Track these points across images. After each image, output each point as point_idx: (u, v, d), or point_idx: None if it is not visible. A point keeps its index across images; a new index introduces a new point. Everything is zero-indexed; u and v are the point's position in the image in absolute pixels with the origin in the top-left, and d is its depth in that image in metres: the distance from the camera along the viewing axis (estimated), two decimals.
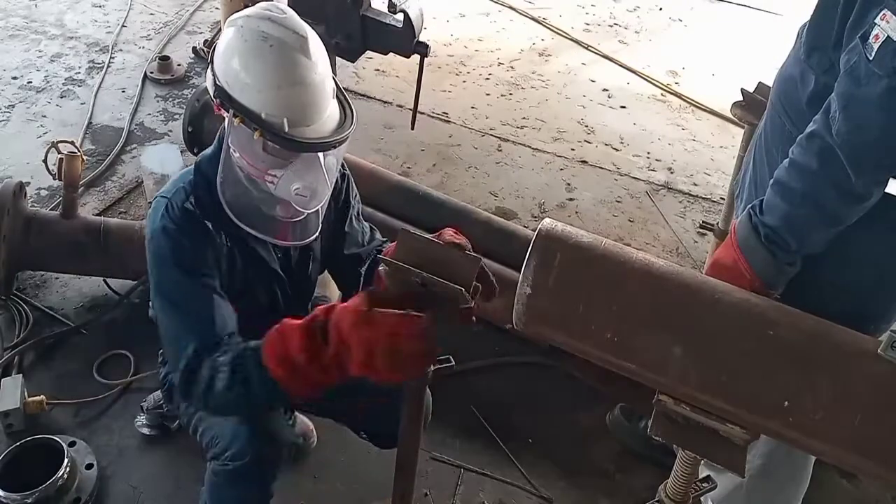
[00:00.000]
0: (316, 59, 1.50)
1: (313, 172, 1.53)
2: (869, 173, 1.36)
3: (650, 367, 1.28)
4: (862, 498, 2.36)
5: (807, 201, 1.40)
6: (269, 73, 1.46)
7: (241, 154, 1.54)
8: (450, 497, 2.24)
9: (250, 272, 1.70)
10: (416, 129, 2.36)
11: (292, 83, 1.47)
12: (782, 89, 1.60)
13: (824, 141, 1.36)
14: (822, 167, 1.37)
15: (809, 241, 1.43)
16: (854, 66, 1.32)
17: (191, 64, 3.96)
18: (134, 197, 3.12)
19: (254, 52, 1.46)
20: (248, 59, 1.47)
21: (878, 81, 1.29)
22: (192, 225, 1.60)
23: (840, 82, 1.36)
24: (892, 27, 1.27)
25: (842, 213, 1.40)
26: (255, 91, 1.46)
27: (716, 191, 3.56)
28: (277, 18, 1.48)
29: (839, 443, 1.21)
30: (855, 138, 1.33)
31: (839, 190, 1.37)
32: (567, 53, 4.54)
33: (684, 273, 1.33)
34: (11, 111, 3.52)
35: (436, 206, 2.78)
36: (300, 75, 1.47)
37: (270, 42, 1.46)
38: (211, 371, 1.51)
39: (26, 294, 2.63)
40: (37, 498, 1.98)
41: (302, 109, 1.49)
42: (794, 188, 1.40)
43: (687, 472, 1.39)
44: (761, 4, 5.14)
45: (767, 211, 1.45)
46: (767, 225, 1.44)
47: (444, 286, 1.41)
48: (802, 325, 1.27)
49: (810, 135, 1.39)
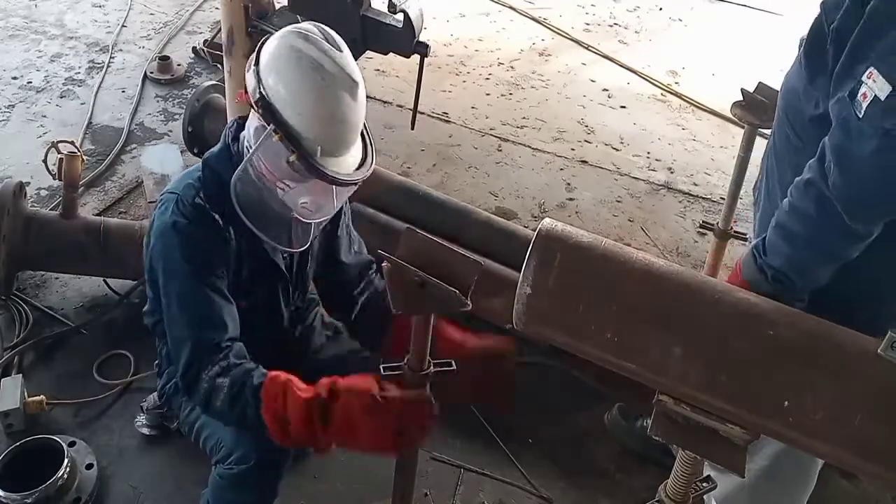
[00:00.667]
0: (360, 103, 1.57)
1: (325, 195, 1.61)
2: (866, 222, 1.39)
3: (650, 367, 1.28)
4: (862, 498, 2.36)
5: (809, 244, 1.43)
6: (317, 105, 1.53)
7: (263, 159, 1.57)
8: (450, 497, 2.24)
9: (256, 267, 1.73)
10: (416, 129, 2.36)
11: (336, 121, 1.55)
12: (787, 101, 1.60)
13: (821, 190, 1.39)
14: (820, 213, 1.40)
15: (815, 279, 1.47)
16: (845, 120, 1.34)
17: (191, 64, 3.96)
18: (134, 197, 3.11)
19: (307, 81, 1.53)
20: (301, 86, 1.52)
21: (869, 140, 1.31)
22: (203, 220, 1.63)
23: (833, 134, 1.37)
24: (878, 87, 1.28)
25: (844, 253, 1.44)
26: (298, 114, 1.52)
27: (716, 191, 3.56)
28: (335, 57, 1.54)
29: (839, 443, 1.21)
30: (850, 192, 1.36)
31: (839, 233, 1.40)
32: (567, 53, 4.53)
33: (684, 273, 1.33)
34: (11, 111, 3.53)
35: (436, 206, 2.78)
36: (343, 114, 1.55)
37: (325, 78, 1.53)
38: (209, 387, 1.58)
39: (26, 294, 2.63)
40: (37, 498, 1.98)
41: (336, 143, 1.57)
42: (795, 232, 1.44)
43: (687, 472, 1.39)
44: (761, 4, 5.14)
45: (771, 252, 1.48)
46: (773, 266, 1.47)
47: (442, 289, 1.41)
48: (802, 325, 1.27)
49: (808, 182, 1.41)
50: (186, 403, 1.83)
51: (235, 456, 1.71)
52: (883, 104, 1.28)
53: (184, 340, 1.62)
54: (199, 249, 1.63)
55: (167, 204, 1.65)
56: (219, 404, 1.58)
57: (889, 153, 1.30)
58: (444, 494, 2.24)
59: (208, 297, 1.62)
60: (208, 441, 1.79)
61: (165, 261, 1.64)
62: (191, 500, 2.00)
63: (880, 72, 1.28)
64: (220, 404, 1.58)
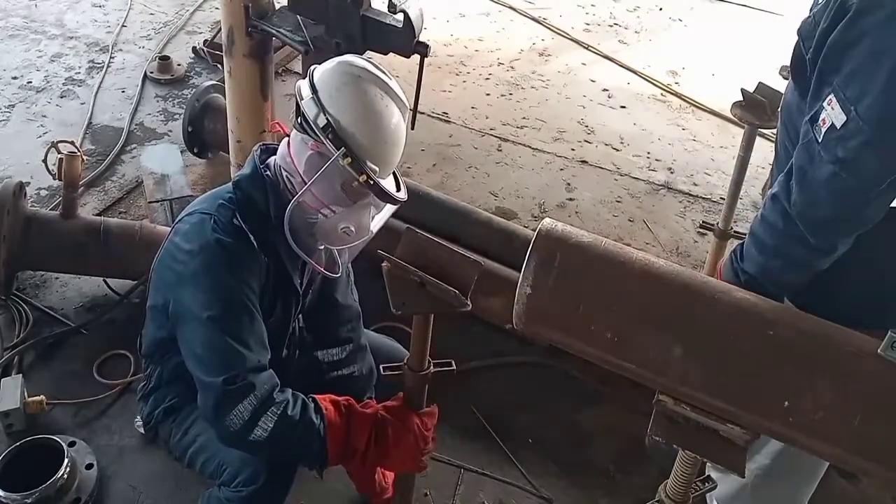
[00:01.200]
0: (407, 127, 1.70)
1: (365, 217, 1.70)
2: (825, 240, 1.42)
3: (650, 367, 1.28)
4: (861, 499, 2.36)
5: (778, 254, 1.47)
6: (382, 130, 1.63)
7: (315, 183, 1.62)
8: (450, 497, 2.24)
9: (279, 289, 1.76)
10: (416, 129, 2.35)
11: (391, 143, 1.66)
12: (786, 114, 1.62)
13: (783, 206, 1.42)
14: (785, 227, 1.43)
15: (786, 286, 1.52)
16: (809, 142, 1.37)
17: (191, 64, 3.95)
18: (134, 197, 3.11)
19: (375, 107, 1.62)
20: (368, 112, 1.62)
21: (825, 165, 1.34)
22: (242, 241, 1.65)
23: (798, 153, 1.41)
24: (835, 114, 1.31)
25: (812, 264, 1.47)
26: (363, 138, 1.60)
27: (716, 191, 3.56)
28: (391, 84, 1.66)
29: (839, 443, 1.21)
30: (808, 212, 1.39)
31: (803, 247, 1.43)
32: (567, 53, 4.53)
33: (684, 273, 1.33)
34: (11, 111, 3.53)
35: (436, 206, 2.78)
36: (399, 138, 1.67)
37: (387, 105, 1.64)
38: (253, 413, 1.58)
39: (26, 294, 2.63)
40: (37, 498, 1.98)
41: (388, 165, 1.68)
42: (765, 242, 1.48)
43: (687, 472, 1.39)
44: (761, 4, 5.13)
45: (746, 259, 1.53)
46: (746, 272, 1.52)
47: (442, 289, 1.41)
48: (802, 326, 1.27)
49: (774, 196, 1.45)
50: (177, 429, 1.82)
51: (242, 477, 1.70)
52: (838, 132, 1.31)
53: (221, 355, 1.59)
54: (242, 267, 1.65)
55: (202, 223, 1.65)
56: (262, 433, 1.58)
57: (841, 180, 1.33)
58: (444, 494, 2.24)
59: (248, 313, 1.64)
60: (208, 465, 1.78)
61: (206, 276, 1.61)
62: (191, 500, 2.00)
63: (837, 99, 1.31)
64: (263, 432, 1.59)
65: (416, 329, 1.57)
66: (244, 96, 2.40)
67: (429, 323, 1.55)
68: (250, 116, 2.44)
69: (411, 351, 1.61)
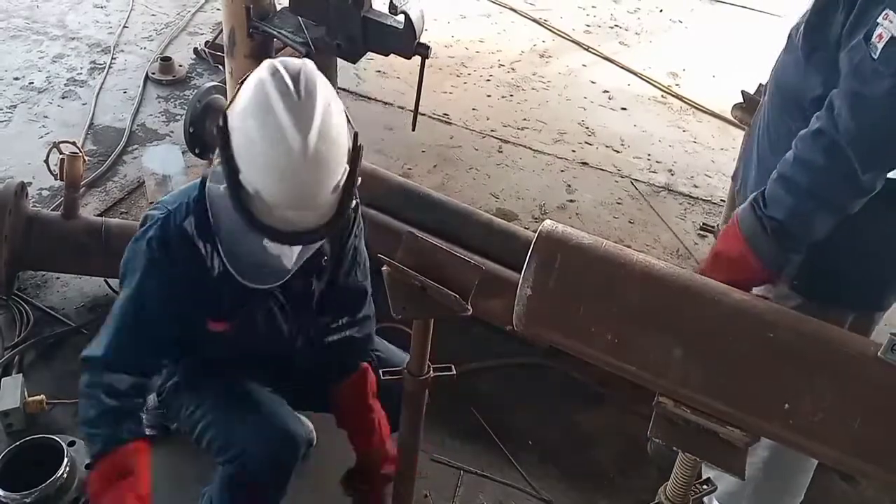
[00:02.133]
0: (314, 160, 1.40)
1: (272, 251, 1.51)
2: (878, 168, 1.40)
3: (650, 368, 1.28)
4: (861, 501, 2.36)
5: (813, 195, 1.43)
6: (264, 153, 1.39)
7: (211, 201, 1.52)
8: (450, 499, 2.24)
9: (247, 292, 1.66)
10: (416, 130, 2.36)
11: (288, 178, 1.40)
12: (784, 96, 1.61)
13: (831, 138, 1.38)
14: (829, 163, 1.39)
15: (815, 231, 1.47)
16: (859, 64, 1.35)
17: (192, 65, 3.95)
18: (135, 198, 3.12)
19: (265, 135, 1.39)
20: (251, 125, 1.40)
21: (883, 80, 1.32)
22: (181, 247, 1.60)
23: (845, 80, 1.38)
24: (894, 27, 1.30)
25: (847, 205, 1.44)
26: (247, 166, 1.40)
27: (716, 193, 3.56)
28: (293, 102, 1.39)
29: (839, 445, 1.21)
30: (864, 136, 1.36)
31: (846, 184, 1.40)
32: (568, 55, 4.53)
33: (684, 275, 1.34)
34: (13, 112, 3.53)
35: (436, 208, 2.78)
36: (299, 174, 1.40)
37: (283, 136, 1.37)
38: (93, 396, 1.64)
39: (27, 294, 2.64)
40: (37, 498, 1.98)
41: (288, 202, 1.42)
42: (799, 183, 1.43)
43: (687, 474, 1.39)
44: (761, 6, 5.13)
45: (772, 205, 1.47)
46: (774, 218, 1.46)
47: (443, 293, 1.41)
48: (802, 328, 1.27)
49: (816, 132, 1.41)
50: (188, 402, 1.83)
51: (246, 455, 1.70)
52: None
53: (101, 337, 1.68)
54: (158, 284, 1.63)
55: (155, 217, 1.63)
56: (83, 412, 1.65)
57: None
58: (443, 496, 2.24)
59: (142, 333, 1.66)
60: (214, 441, 1.78)
61: (125, 271, 1.67)
62: (191, 499, 1.99)
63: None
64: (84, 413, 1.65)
65: (416, 333, 1.57)
66: None
67: (429, 327, 1.55)
68: None
69: (411, 355, 1.61)
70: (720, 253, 1.54)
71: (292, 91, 1.39)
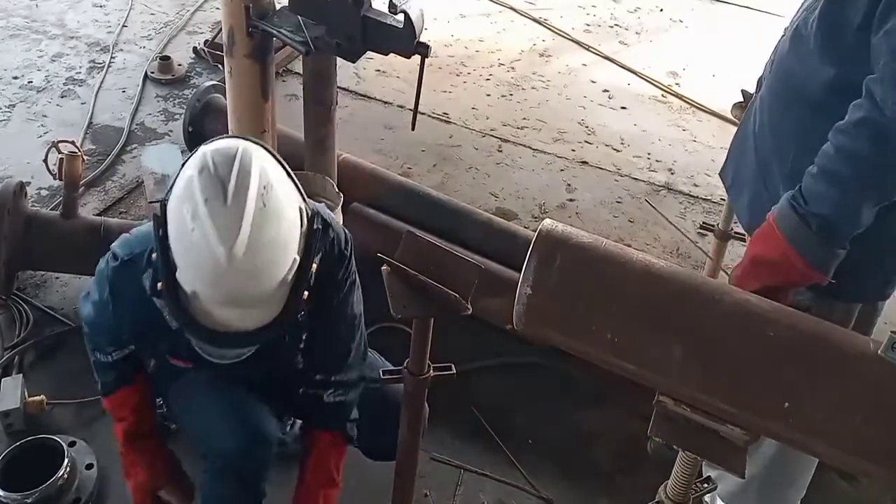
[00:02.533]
0: (241, 269, 1.31)
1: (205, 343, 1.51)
2: None
3: (650, 367, 1.28)
4: (861, 500, 2.36)
5: (861, 185, 1.39)
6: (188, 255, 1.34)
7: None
8: (450, 498, 2.24)
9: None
10: (416, 129, 2.35)
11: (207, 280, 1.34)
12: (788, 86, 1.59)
13: (878, 125, 1.34)
14: (877, 151, 1.35)
15: (862, 222, 1.43)
16: None
17: (191, 64, 3.95)
18: (134, 197, 3.12)
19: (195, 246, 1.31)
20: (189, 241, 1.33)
21: None
22: (138, 301, 1.56)
23: (886, 65, 1.32)
24: None
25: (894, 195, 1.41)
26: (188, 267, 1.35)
27: (716, 192, 3.56)
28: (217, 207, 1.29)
29: (840, 444, 1.21)
30: None
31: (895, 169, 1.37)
32: (567, 54, 4.53)
33: (684, 274, 1.34)
34: (12, 111, 3.53)
35: (436, 207, 2.78)
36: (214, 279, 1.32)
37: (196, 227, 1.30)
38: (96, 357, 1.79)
39: (27, 294, 2.64)
40: (37, 498, 1.98)
41: (223, 303, 1.36)
42: (843, 175, 1.39)
43: (687, 472, 1.39)
44: (762, 5, 5.13)
45: (815, 200, 1.42)
46: (819, 214, 1.42)
47: (443, 292, 1.41)
48: (803, 326, 1.27)
49: (860, 122, 1.36)
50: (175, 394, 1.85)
51: (218, 447, 1.73)
52: None
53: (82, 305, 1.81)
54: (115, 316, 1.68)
55: (118, 260, 1.64)
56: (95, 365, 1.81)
57: None
58: (444, 495, 2.24)
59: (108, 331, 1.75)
60: (195, 431, 1.83)
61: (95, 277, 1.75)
62: None
63: None
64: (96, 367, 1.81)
65: (416, 332, 1.57)
66: (245, 97, 2.40)
67: (429, 326, 1.55)
68: (251, 117, 2.43)
69: (411, 355, 1.61)
70: (757, 256, 1.49)
71: (220, 193, 1.30)
